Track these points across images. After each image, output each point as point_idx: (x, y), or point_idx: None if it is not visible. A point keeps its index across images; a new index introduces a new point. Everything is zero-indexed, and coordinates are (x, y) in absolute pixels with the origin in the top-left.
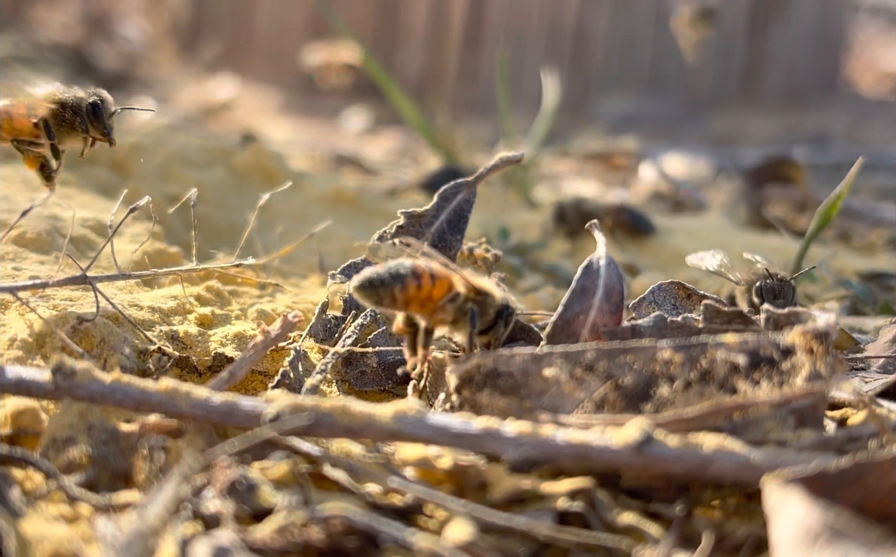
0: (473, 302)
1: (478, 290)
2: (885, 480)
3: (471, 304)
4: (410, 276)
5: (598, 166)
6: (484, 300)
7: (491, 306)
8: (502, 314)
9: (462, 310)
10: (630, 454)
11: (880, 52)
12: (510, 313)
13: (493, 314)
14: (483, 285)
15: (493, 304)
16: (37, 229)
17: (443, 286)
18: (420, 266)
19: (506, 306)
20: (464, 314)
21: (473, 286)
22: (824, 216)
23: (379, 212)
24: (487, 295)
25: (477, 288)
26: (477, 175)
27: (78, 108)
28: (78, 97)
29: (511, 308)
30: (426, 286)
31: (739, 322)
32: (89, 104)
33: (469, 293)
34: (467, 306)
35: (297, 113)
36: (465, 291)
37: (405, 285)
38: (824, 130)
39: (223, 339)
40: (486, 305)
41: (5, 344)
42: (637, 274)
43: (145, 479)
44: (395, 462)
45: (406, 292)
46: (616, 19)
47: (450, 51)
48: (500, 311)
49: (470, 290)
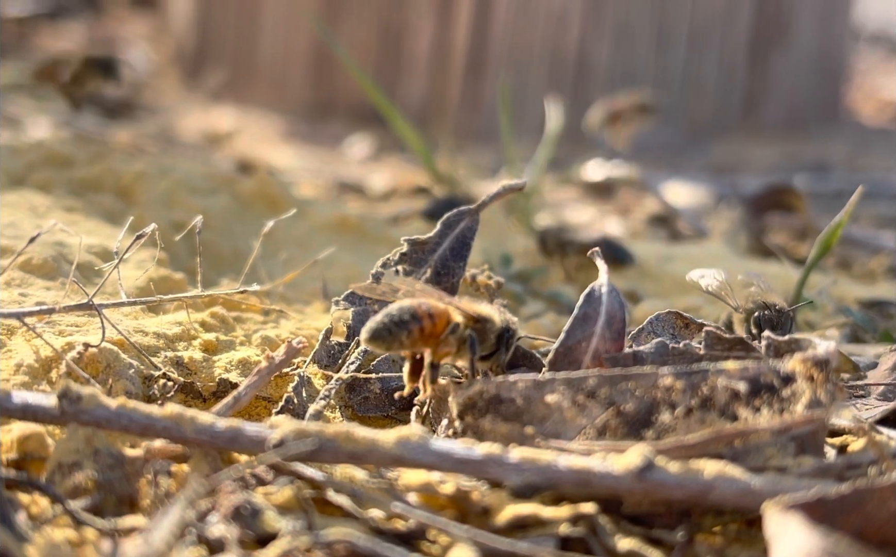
0: (473, 329)
1: (476, 317)
2: (885, 507)
3: (470, 331)
4: (413, 321)
5: (599, 194)
6: (483, 326)
7: (491, 331)
8: (503, 338)
9: (462, 338)
10: (631, 480)
11: (881, 81)
12: (511, 336)
13: (494, 339)
14: (480, 312)
15: (492, 329)
16: (43, 255)
17: (442, 320)
18: (419, 309)
19: (506, 328)
20: (464, 342)
21: (471, 314)
22: (825, 244)
23: (382, 239)
24: (486, 321)
25: (475, 316)
26: (480, 203)
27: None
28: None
29: (511, 330)
30: (428, 326)
31: (740, 349)
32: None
33: (468, 321)
34: (467, 333)
35: (301, 140)
36: (464, 320)
37: (410, 330)
38: (825, 158)
39: (228, 365)
40: (486, 330)
41: (11, 369)
42: (639, 301)
43: (150, 504)
44: (399, 488)
45: (412, 337)
46: (617, 49)
47: (452, 79)
48: (500, 335)
49: (468, 318)
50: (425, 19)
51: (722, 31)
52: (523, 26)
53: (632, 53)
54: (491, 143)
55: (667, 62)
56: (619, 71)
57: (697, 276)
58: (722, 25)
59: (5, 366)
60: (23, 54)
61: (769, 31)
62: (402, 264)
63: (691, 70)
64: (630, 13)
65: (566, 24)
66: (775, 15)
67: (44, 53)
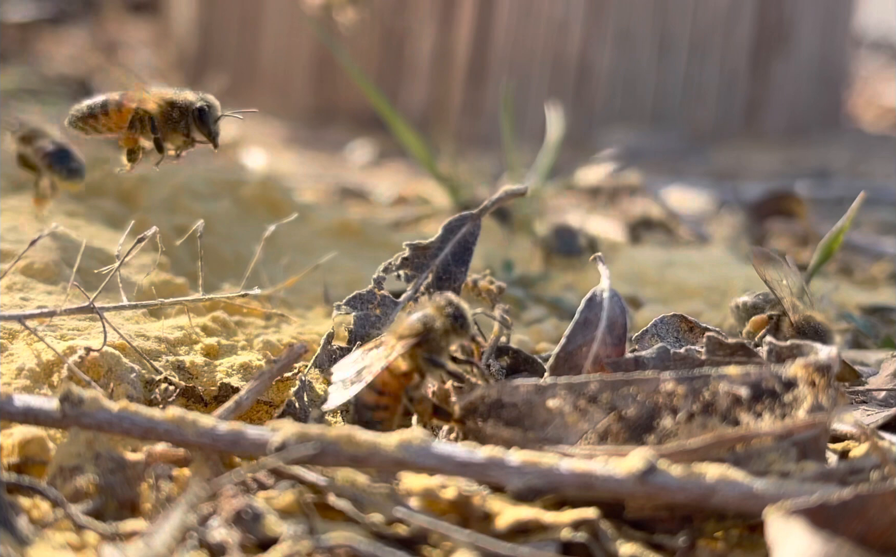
0: (423, 361)
1: (418, 341)
2: (887, 512)
3: (422, 364)
4: (375, 409)
5: (601, 199)
6: (429, 339)
7: (440, 336)
8: (453, 328)
9: (422, 378)
10: (634, 484)
11: (882, 88)
12: (459, 318)
13: (445, 339)
14: (416, 329)
15: (439, 332)
16: (44, 259)
17: (394, 381)
18: (367, 401)
19: (452, 317)
20: (424, 374)
21: (410, 342)
22: (826, 250)
23: (384, 244)
24: (429, 332)
25: (417, 340)
26: (482, 208)
27: (186, 110)
28: (188, 100)
29: (455, 314)
30: (388, 400)
31: (742, 354)
32: (196, 109)
33: (414, 364)
34: (424, 370)
35: (303, 146)
36: (409, 365)
37: (378, 410)
38: (826, 164)
39: (229, 369)
40: (434, 339)
41: (13, 373)
42: (640, 307)
43: (152, 508)
44: (400, 492)
45: (386, 412)
46: (619, 55)
47: (454, 85)
48: (448, 329)
49: (409, 357)
50: (427, 25)
51: (723, 38)
52: (525, 32)
53: (633, 60)
54: (492, 148)
55: (668, 68)
56: (620, 77)
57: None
58: (723, 32)
59: (7, 370)
60: (25, 59)
61: (770, 37)
62: (404, 269)
63: (693, 76)
64: (631, 20)
65: (568, 30)
66: (776, 22)
67: (50, 59)
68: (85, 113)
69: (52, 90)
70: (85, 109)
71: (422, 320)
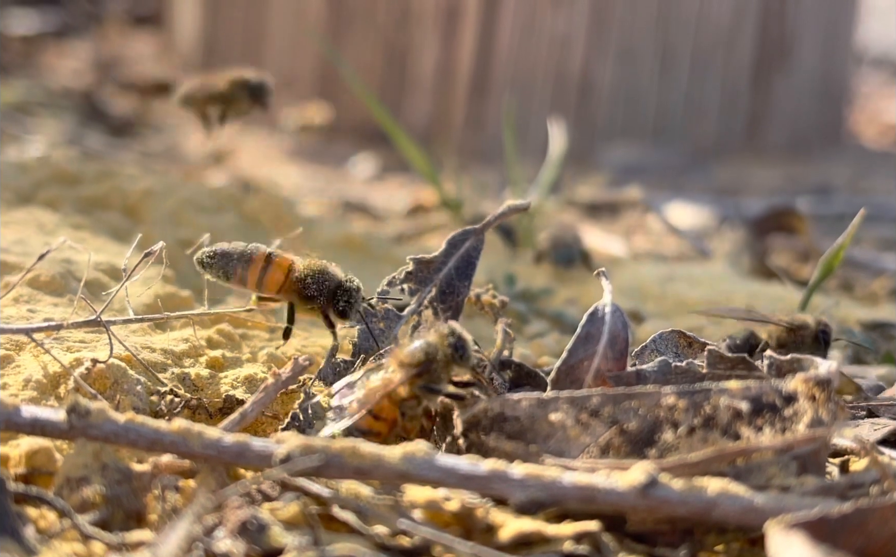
0: (421, 384)
1: (417, 372)
2: (887, 526)
3: (417, 397)
4: (368, 434)
5: (603, 215)
6: (429, 370)
7: (440, 367)
8: (454, 359)
9: (417, 399)
10: (635, 497)
11: (883, 105)
12: (460, 349)
13: (446, 370)
14: (415, 359)
15: (440, 364)
16: (51, 272)
17: (387, 410)
18: (361, 426)
19: (452, 347)
20: (421, 398)
21: (409, 378)
22: (827, 266)
23: (387, 258)
24: (430, 363)
25: (415, 371)
26: (485, 223)
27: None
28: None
29: (457, 344)
30: (380, 426)
31: (742, 369)
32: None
33: (409, 387)
34: (416, 401)
35: (306, 159)
36: (403, 391)
37: (366, 430)
38: (827, 181)
39: (234, 381)
40: (434, 369)
41: (20, 385)
42: (641, 322)
43: (158, 518)
44: (404, 504)
45: (380, 438)
46: (621, 71)
47: (457, 100)
48: (448, 360)
49: (406, 387)
50: (430, 40)
51: (725, 54)
52: (527, 48)
53: (635, 76)
54: (494, 163)
55: (670, 84)
56: (622, 93)
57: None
58: (725, 48)
59: (14, 381)
60: (29, 72)
61: (772, 53)
62: (408, 283)
63: (694, 92)
64: (633, 36)
65: (570, 46)
66: (778, 38)
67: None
68: None
69: (57, 103)
70: None
71: (424, 349)
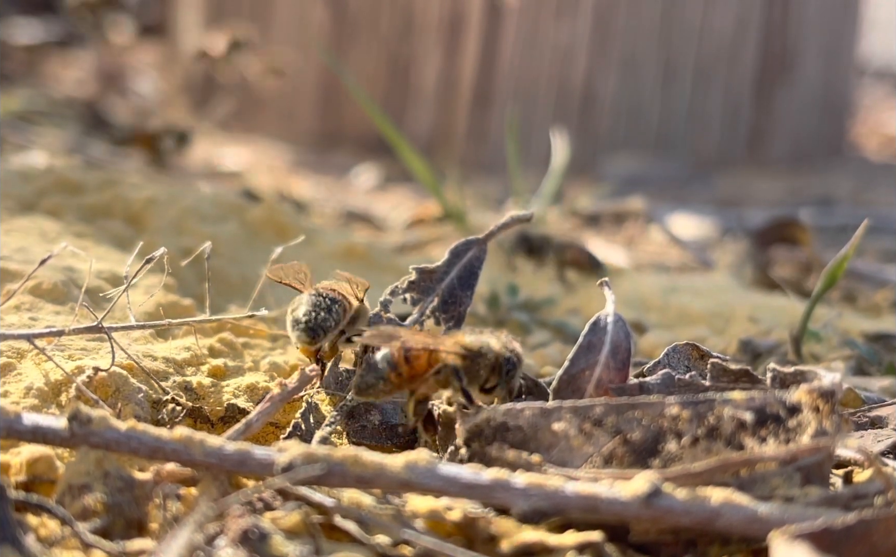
0: (461, 366)
1: (464, 354)
2: (891, 537)
3: (454, 367)
4: (389, 368)
5: (605, 225)
6: (473, 362)
7: (483, 366)
8: (501, 370)
9: (448, 376)
10: (639, 506)
11: (885, 117)
12: (511, 367)
13: (488, 372)
14: (471, 346)
15: (485, 363)
16: (53, 279)
17: (420, 361)
18: (394, 354)
19: (506, 359)
20: (452, 377)
21: (458, 352)
22: (830, 277)
23: (389, 267)
24: (478, 356)
25: (463, 353)
26: (487, 233)
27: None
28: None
29: (512, 360)
30: (404, 370)
31: (746, 381)
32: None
33: (455, 360)
34: (451, 369)
35: (309, 170)
36: (451, 358)
37: (387, 378)
38: (830, 192)
39: (236, 390)
40: (477, 365)
41: (21, 392)
42: (644, 332)
43: (159, 527)
44: (406, 514)
45: (389, 384)
46: (623, 83)
47: (460, 110)
48: (494, 366)
49: (454, 356)
50: (433, 51)
51: (727, 66)
52: (530, 59)
53: (638, 87)
54: (497, 174)
55: (673, 96)
56: (624, 105)
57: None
58: (728, 60)
59: (15, 389)
60: (32, 82)
61: (774, 66)
62: (410, 293)
63: (697, 104)
64: (636, 47)
65: (573, 57)
66: (781, 50)
67: (57, 81)
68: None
69: (60, 112)
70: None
71: (482, 344)
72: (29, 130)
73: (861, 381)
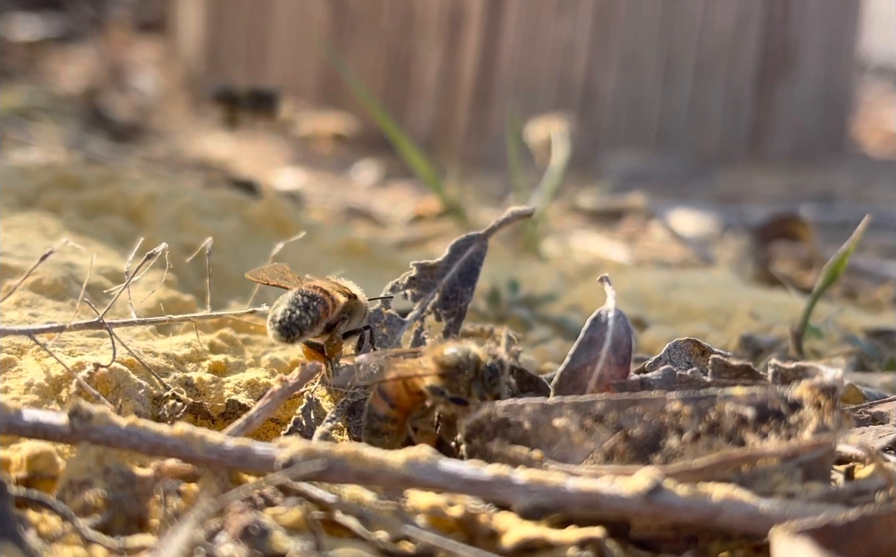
0: (441, 385)
1: (441, 373)
2: (892, 533)
3: (434, 386)
4: (382, 422)
5: (606, 221)
6: (452, 379)
7: (462, 381)
8: (484, 378)
9: (433, 396)
10: (640, 502)
11: (886, 113)
12: (494, 375)
13: (468, 386)
14: (448, 362)
15: (464, 379)
16: (53, 275)
17: (402, 399)
18: (381, 406)
19: (488, 367)
20: (436, 396)
21: (435, 372)
22: (831, 274)
23: (390, 263)
24: (456, 372)
25: (440, 372)
26: (488, 229)
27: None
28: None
29: (494, 368)
30: (396, 413)
31: (747, 377)
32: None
33: (433, 380)
34: (431, 390)
35: (309, 165)
36: (429, 379)
37: (388, 432)
38: (831, 188)
39: (236, 386)
40: (457, 381)
41: (22, 388)
42: (645, 328)
43: (160, 523)
44: (407, 510)
45: (395, 426)
46: (624, 79)
47: (460, 107)
48: (475, 378)
49: (432, 377)
50: (433, 47)
51: (728, 62)
52: (531, 55)
53: (638, 84)
54: (497, 170)
55: (673, 92)
56: (625, 101)
57: None
58: (728, 56)
59: (16, 385)
60: (32, 78)
61: (775, 62)
62: (411, 288)
63: (698, 100)
64: (637, 44)
65: (573, 53)
66: (781, 47)
67: (57, 77)
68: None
69: (60, 108)
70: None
71: (459, 357)
72: (29, 127)
73: (862, 377)
